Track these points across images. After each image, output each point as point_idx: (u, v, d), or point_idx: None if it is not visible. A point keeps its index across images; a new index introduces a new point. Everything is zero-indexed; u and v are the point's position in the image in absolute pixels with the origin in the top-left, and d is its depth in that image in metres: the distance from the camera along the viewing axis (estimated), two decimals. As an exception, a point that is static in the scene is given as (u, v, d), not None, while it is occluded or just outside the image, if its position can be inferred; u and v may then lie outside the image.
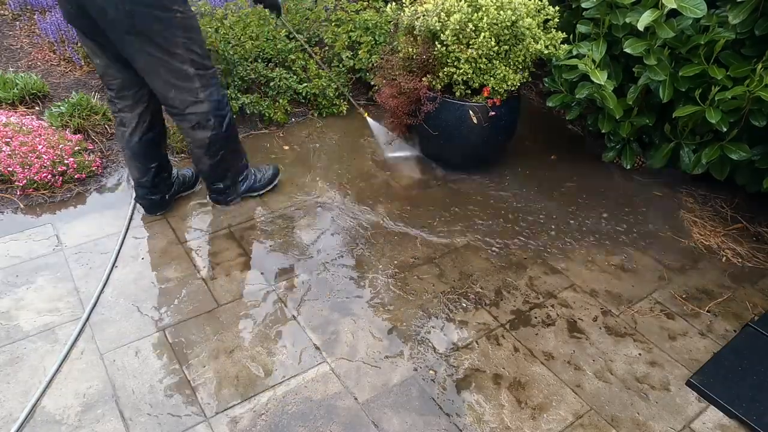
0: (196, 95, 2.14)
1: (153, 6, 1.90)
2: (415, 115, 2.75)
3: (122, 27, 1.90)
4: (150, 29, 1.93)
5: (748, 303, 2.26)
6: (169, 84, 2.09)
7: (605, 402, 1.85)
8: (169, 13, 1.95)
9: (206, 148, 2.28)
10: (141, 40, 1.95)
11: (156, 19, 1.93)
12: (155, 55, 2.00)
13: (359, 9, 3.62)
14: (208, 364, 1.87)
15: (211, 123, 2.22)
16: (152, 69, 2.04)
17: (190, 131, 2.24)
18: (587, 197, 2.83)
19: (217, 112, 2.22)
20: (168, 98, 2.14)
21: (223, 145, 2.32)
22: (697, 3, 2.18)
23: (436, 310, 2.13)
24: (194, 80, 2.11)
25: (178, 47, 2.01)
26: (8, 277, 2.13)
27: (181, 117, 2.21)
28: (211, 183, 2.47)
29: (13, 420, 1.66)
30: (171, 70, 2.05)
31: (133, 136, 2.29)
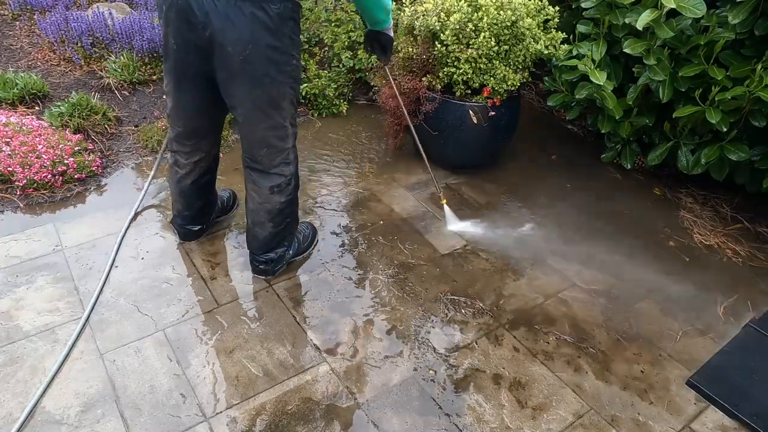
0: (287, 156, 1.94)
1: (275, 48, 1.69)
2: (415, 116, 2.75)
3: (237, 67, 1.69)
4: (266, 75, 1.72)
5: (748, 303, 2.26)
6: (265, 140, 1.88)
7: (605, 402, 1.85)
8: (288, 58, 1.74)
9: (276, 213, 2.03)
10: (253, 85, 1.74)
11: (274, 65, 1.72)
12: (261, 106, 1.79)
13: (359, 9, 3.62)
14: (208, 364, 1.87)
15: (291, 187, 2.01)
16: (253, 121, 1.83)
17: (266, 192, 1.98)
18: (587, 197, 2.83)
19: (296, 175, 2.04)
20: (258, 154, 1.92)
21: (290, 213, 2.10)
22: (696, 3, 2.18)
23: (436, 310, 2.13)
24: (289, 139, 1.92)
25: (284, 100, 1.81)
26: (8, 277, 2.13)
27: (263, 176, 1.96)
28: (264, 252, 2.14)
29: (13, 420, 1.66)
30: (272, 125, 1.85)
31: (185, 179, 2.14)
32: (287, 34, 1.68)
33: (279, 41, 1.67)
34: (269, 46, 1.67)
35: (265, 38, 1.64)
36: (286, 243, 2.17)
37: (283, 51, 1.70)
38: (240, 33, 1.62)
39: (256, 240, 2.12)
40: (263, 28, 1.63)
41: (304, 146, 3.05)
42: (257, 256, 2.15)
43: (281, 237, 2.13)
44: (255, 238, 2.12)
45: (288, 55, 1.73)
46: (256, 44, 1.65)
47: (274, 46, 1.68)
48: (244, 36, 1.62)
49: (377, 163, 2.97)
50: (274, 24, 1.63)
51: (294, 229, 2.20)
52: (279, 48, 1.69)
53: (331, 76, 3.34)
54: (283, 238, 2.14)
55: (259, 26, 1.62)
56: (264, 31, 1.63)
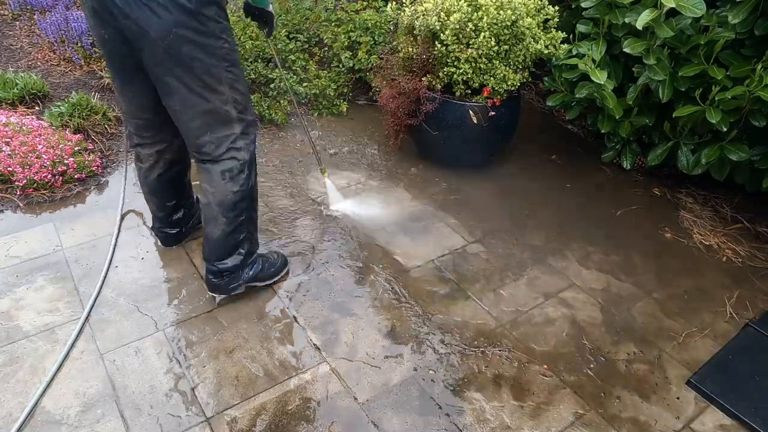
0: (234, 141, 1.86)
1: (202, 33, 1.66)
2: (415, 116, 2.75)
3: (162, 54, 1.65)
4: (194, 59, 1.68)
5: (748, 303, 2.26)
6: (205, 126, 1.81)
7: (605, 402, 1.85)
8: (216, 41, 1.69)
9: (228, 207, 1.91)
10: (182, 70, 1.69)
11: (203, 48, 1.67)
12: (196, 90, 1.73)
13: (359, 9, 3.62)
14: (208, 364, 1.87)
15: (244, 176, 1.91)
16: (189, 107, 1.77)
17: (217, 180, 1.89)
18: (587, 197, 2.83)
19: (251, 165, 1.94)
20: (201, 142, 1.84)
21: (246, 208, 1.97)
22: (696, 2, 2.18)
23: (435, 310, 2.13)
24: (235, 125, 1.85)
25: (222, 84, 1.76)
26: (8, 277, 2.13)
27: (212, 162, 1.88)
28: (217, 259, 2.00)
29: (13, 420, 1.66)
30: (211, 110, 1.78)
31: (151, 172, 2.08)
32: (211, 17, 1.66)
33: (203, 25, 1.65)
34: (193, 29, 1.64)
35: (188, 23, 1.63)
36: (243, 250, 2.02)
37: (210, 34, 1.68)
38: (160, 18, 1.60)
39: (208, 242, 1.99)
40: (184, 13, 1.61)
41: (304, 146, 3.05)
42: (210, 265, 2.01)
43: (236, 240, 1.99)
44: (207, 240, 1.99)
45: (216, 37, 1.69)
46: (179, 28, 1.62)
47: (198, 30, 1.65)
48: (166, 22, 1.60)
49: (377, 162, 2.97)
50: (195, 8, 1.61)
51: (251, 234, 2.05)
52: (204, 32, 1.66)
53: (331, 76, 3.34)
54: (237, 243, 2.00)
55: (180, 11, 1.60)
56: (185, 16, 1.61)
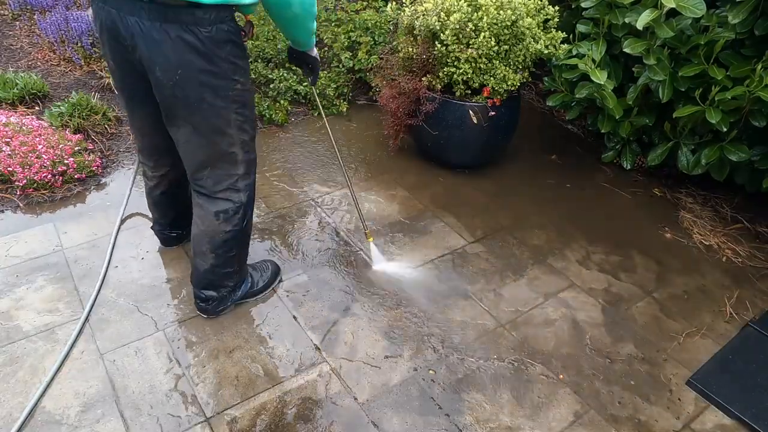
0: (235, 182, 1.79)
1: (213, 74, 1.56)
2: (415, 116, 2.75)
3: (170, 93, 1.57)
4: (203, 101, 1.59)
5: (748, 303, 2.26)
6: (208, 163, 1.74)
7: (605, 402, 1.85)
8: (227, 83, 1.60)
9: (219, 244, 1.86)
10: (189, 112, 1.61)
11: (213, 90, 1.58)
12: (202, 131, 1.65)
13: (359, 9, 3.62)
14: (208, 364, 1.87)
15: (238, 216, 1.84)
16: (193, 146, 1.70)
17: (210, 218, 1.82)
18: (587, 197, 2.83)
19: (248, 206, 1.88)
20: (200, 176, 1.77)
21: (237, 245, 1.91)
22: (696, 2, 2.18)
23: (435, 310, 2.13)
24: (239, 166, 1.78)
25: (230, 126, 1.68)
26: (8, 277, 2.13)
27: (207, 199, 1.81)
28: (203, 288, 1.96)
29: (13, 420, 1.66)
30: (216, 151, 1.71)
31: (154, 190, 2.07)
32: (225, 58, 1.55)
33: (214, 66, 1.54)
34: (202, 70, 1.53)
35: (197, 62, 1.52)
36: (231, 283, 1.98)
37: (221, 76, 1.57)
38: (167, 57, 1.50)
39: (196, 272, 1.95)
40: (193, 52, 1.50)
41: (304, 145, 3.05)
42: (197, 291, 1.98)
43: (224, 274, 1.94)
44: (195, 269, 1.95)
45: (228, 79, 1.59)
46: (187, 69, 1.51)
47: (208, 71, 1.54)
48: (172, 60, 1.50)
49: (377, 162, 2.97)
50: (206, 48, 1.50)
51: (241, 268, 2.01)
52: (216, 73, 1.56)
53: (331, 77, 3.34)
54: (226, 276, 1.95)
55: (188, 50, 1.49)
56: (194, 56, 1.50)
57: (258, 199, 2.63)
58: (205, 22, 1.48)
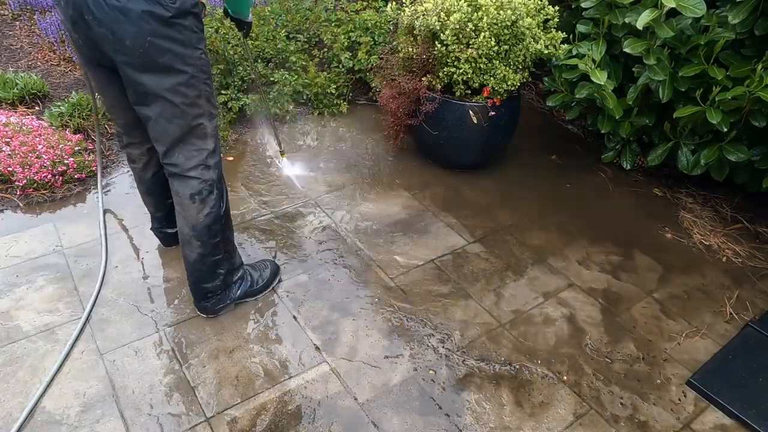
0: (205, 158, 1.80)
1: (179, 42, 1.61)
2: (415, 116, 2.75)
3: (139, 62, 1.60)
4: (172, 68, 1.63)
5: (748, 303, 2.26)
6: (179, 137, 1.75)
7: (605, 402, 1.85)
8: (194, 51, 1.65)
9: (201, 230, 1.86)
10: (160, 78, 1.64)
11: (181, 58, 1.63)
12: (173, 101, 1.67)
13: (359, 9, 3.62)
14: (208, 364, 1.87)
15: (214, 197, 1.85)
16: (165, 117, 1.71)
17: (186, 201, 1.83)
18: (587, 197, 2.83)
19: (219, 184, 1.87)
20: (172, 152, 1.78)
21: (220, 230, 1.90)
22: (696, 2, 2.18)
23: (435, 310, 2.13)
24: (209, 141, 1.79)
25: (200, 96, 1.71)
26: (8, 277, 2.13)
27: (180, 180, 1.82)
28: (197, 281, 1.95)
29: (13, 420, 1.66)
30: (188, 122, 1.73)
31: (145, 172, 2.05)
32: (188, 27, 1.62)
33: (180, 33, 1.61)
34: (169, 38, 1.59)
35: (164, 31, 1.58)
36: (221, 270, 1.97)
37: (187, 44, 1.63)
38: (136, 25, 1.55)
39: (186, 264, 1.95)
40: (160, 22, 1.56)
41: (305, 145, 3.05)
42: (193, 286, 1.98)
43: (213, 262, 1.93)
44: (185, 262, 1.95)
45: (193, 47, 1.65)
46: (154, 36, 1.57)
47: (175, 39, 1.60)
48: (141, 28, 1.55)
49: (377, 162, 2.97)
50: (171, 15, 1.57)
51: (231, 255, 2.01)
52: (182, 41, 1.62)
53: (331, 77, 3.34)
54: (216, 265, 1.94)
55: (156, 20, 1.56)
56: (161, 25, 1.57)
57: (258, 199, 2.63)
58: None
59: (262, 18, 3.42)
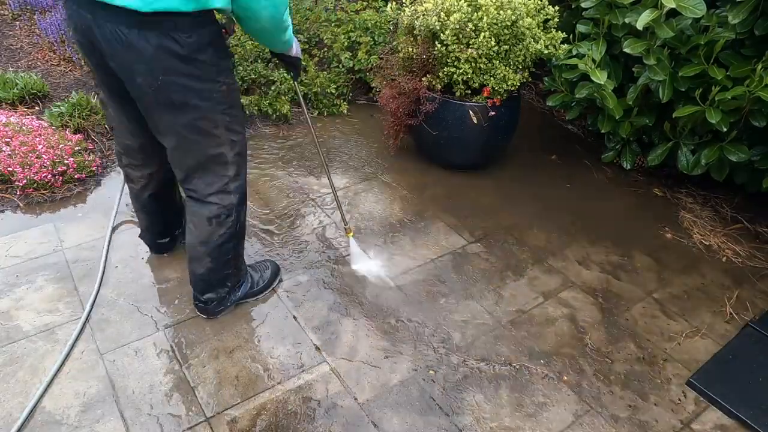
0: (226, 185, 1.76)
1: (196, 78, 1.52)
2: (415, 116, 2.75)
3: (152, 98, 1.54)
4: (187, 105, 1.56)
5: (748, 303, 2.26)
6: (198, 166, 1.71)
7: (605, 402, 1.85)
8: (212, 85, 1.57)
9: (214, 248, 1.84)
10: (173, 116, 1.58)
11: (197, 94, 1.55)
12: (188, 136, 1.62)
13: (359, 9, 3.62)
14: (208, 364, 1.87)
15: (231, 219, 1.82)
16: (182, 151, 1.68)
17: (203, 223, 1.81)
18: (587, 197, 2.83)
19: (239, 207, 1.84)
20: (191, 179, 1.75)
21: (233, 247, 1.91)
22: (696, 3, 2.18)
23: (435, 310, 2.13)
24: (229, 168, 1.75)
25: (218, 127, 1.65)
26: (8, 277, 2.13)
27: (199, 204, 1.79)
28: (201, 292, 1.95)
29: (13, 420, 1.66)
30: (203, 154, 1.68)
31: (143, 192, 2.01)
32: (206, 61, 1.52)
33: (197, 69, 1.51)
34: (185, 74, 1.50)
35: (179, 68, 1.48)
36: (229, 283, 1.97)
37: (205, 78, 1.54)
38: (147, 65, 1.45)
39: (193, 276, 1.93)
40: (174, 58, 1.46)
41: (305, 145, 3.05)
42: (196, 293, 1.97)
43: (222, 276, 1.93)
44: (192, 274, 1.93)
45: (212, 81, 1.56)
46: (169, 74, 1.48)
47: (191, 75, 1.51)
48: (153, 68, 1.46)
49: (377, 162, 2.97)
50: (188, 53, 1.46)
51: (239, 269, 2.00)
52: (199, 76, 1.52)
53: (331, 77, 3.34)
54: (224, 278, 1.94)
55: (170, 56, 1.45)
56: (175, 61, 1.47)
57: (258, 198, 2.63)
58: (186, 28, 1.43)
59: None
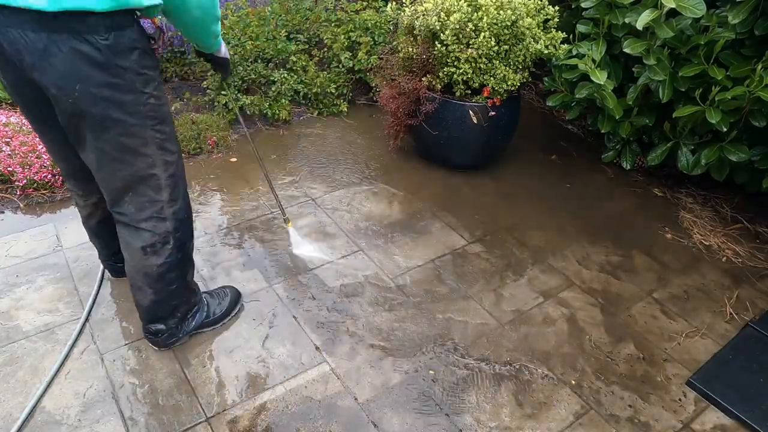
0: (160, 210, 1.61)
1: (117, 87, 1.37)
2: (415, 116, 2.75)
3: (70, 113, 1.38)
4: (108, 118, 1.40)
5: (748, 303, 2.26)
6: (127, 189, 1.55)
7: (605, 402, 1.85)
8: (137, 96, 1.42)
9: (155, 279, 1.69)
10: (95, 134, 1.42)
11: (120, 107, 1.40)
12: (112, 154, 1.46)
13: (359, 9, 3.62)
14: (208, 364, 1.87)
15: (169, 247, 1.66)
16: (107, 171, 1.51)
17: (137, 253, 1.65)
18: (587, 197, 2.83)
19: (177, 234, 1.67)
20: (120, 203, 1.58)
21: (177, 277, 1.74)
22: (696, 3, 2.18)
23: (436, 310, 2.13)
24: (163, 191, 1.59)
25: (148, 145, 1.49)
26: (8, 277, 2.13)
27: (130, 230, 1.63)
28: (149, 323, 1.82)
29: (13, 420, 1.66)
30: (134, 174, 1.52)
31: (90, 220, 1.89)
32: (130, 68, 1.38)
33: (118, 78, 1.36)
34: (104, 84, 1.35)
35: (97, 76, 1.33)
36: (179, 314, 1.82)
37: (128, 89, 1.39)
38: (61, 73, 1.30)
39: (138, 307, 1.79)
40: (90, 65, 1.31)
41: (306, 145, 3.05)
42: (144, 324, 1.84)
43: (169, 307, 1.79)
44: (137, 305, 1.79)
45: (137, 93, 1.41)
46: (86, 84, 1.33)
47: (112, 84, 1.36)
48: (67, 76, 1.31)
49: (377, 162, 2.97)
50: (106, 58, 1.32)
51: (188, 298, 1.85)
52: (120, 86, 1.38)
53: (331, 77, 3.34)
54: (172, 309, 1.80)
55: (85, 62, 1.31)
56: (92, 68, 1.32)
57: (259, 198, 2.63)
58: (100, 30, 1.30)
59: (262, 18, 3.42)
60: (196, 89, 3.33)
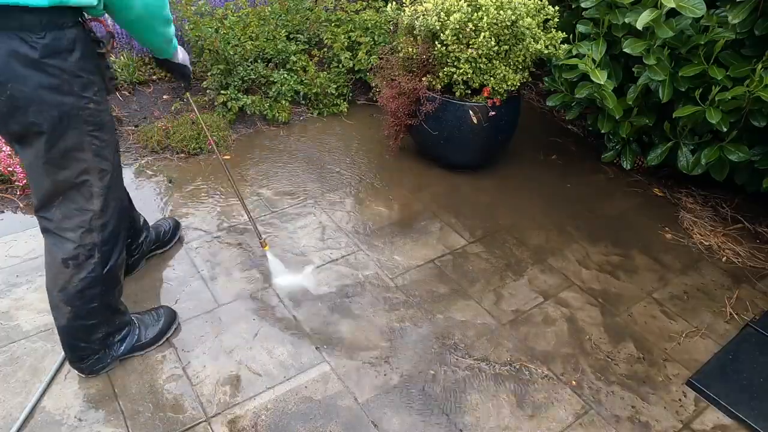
0: (88, 221, 1.53)
1: (53, 89, 1.33)
2: (415, 116, 2.75)
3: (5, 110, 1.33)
4: (41, 120, 1.35)
5: (748, 303, 2.26)
6: (57, 193, 1.49)
7: (605, 402, 1.85)
8: (76, 100, 1.38)
9: (73, 295, 1.58)
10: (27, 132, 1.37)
11: (54, 108, 1.35)
12: (46, 156, 1.41)
13: (359, 9, 3.62)
14: (208, 364, 1.87)
15: (93, 261, 1.57)
16: (39, 169, 1.44)
17: (58, 265, 1.55)
18: (587, 197, 2.83)
19: (105, 248, 1.59)
20: (47, 207, 1.51)
21: (98, 294, 1.63)
22: (696, 2, 2.18)
23: (436, 310, 2.13)
24: (94, 201, 1.52)
25: (82, 150, 1.44)
26: (8, 277, 2.13)
27: (54, 238, 1.55)
28: (71, 347, 1.70)
29: (13, 420, 1.66)
30: (62, 179, 1.46)
31: None
32: (68, 70, 1.33)
33: (55, 79, 1.32)
34: (40, 86, 1.31)
35: (32, 77, 1.29)
36: (100, 334, 1.70)
37: (66, 92, 1.35)
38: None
39: (57, 328, 1.67)
40: (26, 65, 1.27)
41: (306, 145, 3.05)
42: (64, 349, 1.73)
43: (88, 327, 1.66)
44: (56, 326, 1.67)
45: (75, 96, 1.37)
46: (19, 84, 1.29)
47: (48, 86, 1.31)
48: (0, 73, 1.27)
49: (377, 162, 2.97)
50: (40, 57, 1.28)
51: (109, 318, 1.72)
52: (58, 87, 1.33)
53: (331, 77, 3.34)
54: (91, 329, 1.67)
55: (20, 62, 1.27)
56: (28, 69, 1.28)
57: (259, 199, 2.63)
58: (36, 28, 1.26)
59: (263, 18, 3.42)
60: (196, 89, 3.33)
